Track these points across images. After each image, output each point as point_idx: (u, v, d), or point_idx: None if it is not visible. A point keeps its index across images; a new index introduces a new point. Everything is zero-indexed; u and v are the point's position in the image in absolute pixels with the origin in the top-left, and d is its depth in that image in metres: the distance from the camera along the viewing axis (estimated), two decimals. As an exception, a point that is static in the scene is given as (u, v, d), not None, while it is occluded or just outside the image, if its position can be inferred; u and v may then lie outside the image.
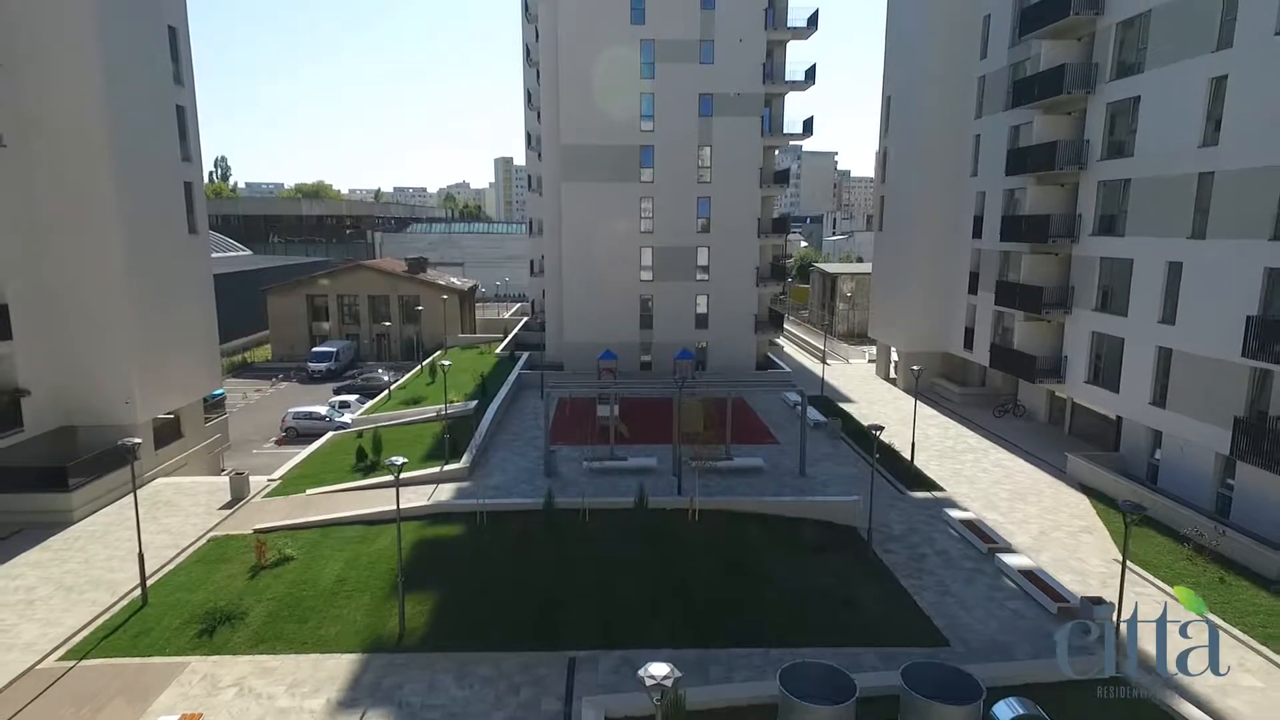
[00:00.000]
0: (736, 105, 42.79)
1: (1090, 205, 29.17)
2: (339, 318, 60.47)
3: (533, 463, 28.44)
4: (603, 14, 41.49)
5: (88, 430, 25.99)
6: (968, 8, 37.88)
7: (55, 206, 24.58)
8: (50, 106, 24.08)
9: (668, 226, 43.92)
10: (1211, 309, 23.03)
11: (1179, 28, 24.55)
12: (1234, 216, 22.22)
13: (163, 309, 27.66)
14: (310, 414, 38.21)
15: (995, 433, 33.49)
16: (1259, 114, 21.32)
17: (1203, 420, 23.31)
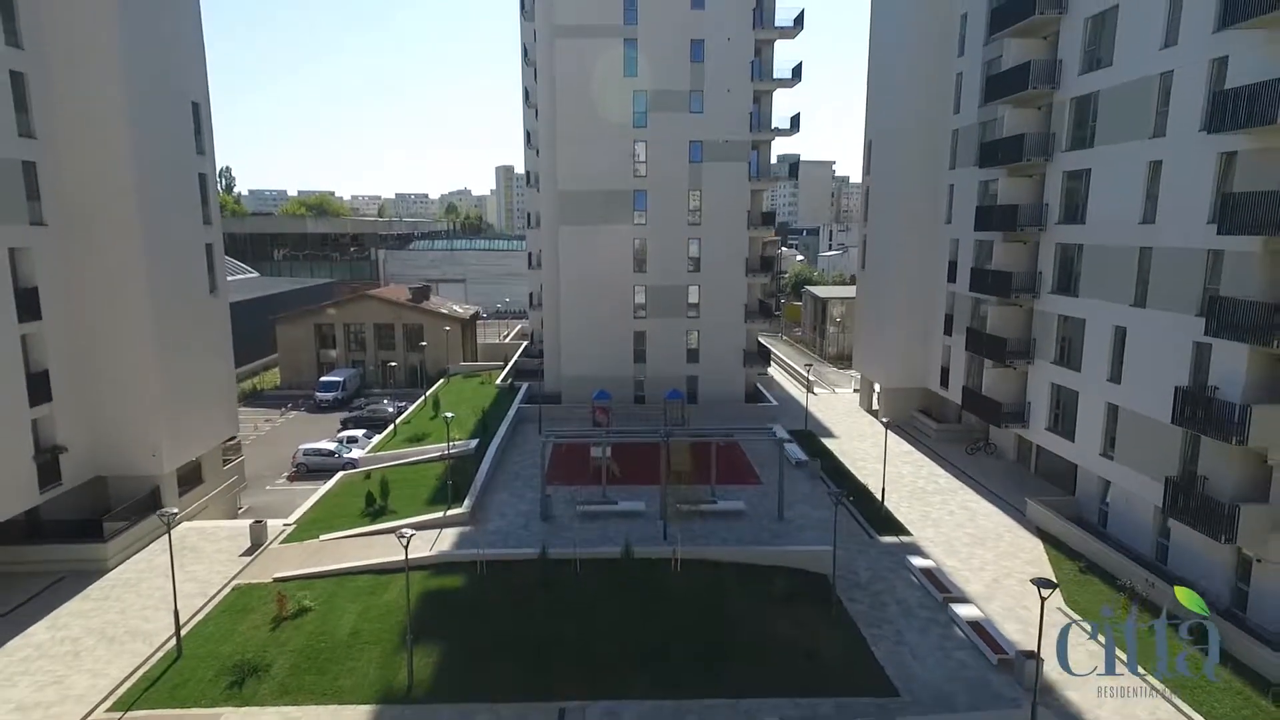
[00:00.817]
0: (725, 151, 44.98)
1: (1049, 264, 31.24)
2: (345, 345, 62.63)
3: (530, 505, 30.54)
4: (598, 66, 43.69)
5: (118, 480, 28.16)
6: (943, 63, 39.95)
7: (90, 278, 26.72)
8: (86, 187, 26.21)
9: (660, 266, 46.12)
10: (1150, 373, 25.07)
11: (1123, 111, 26.63)
12: (1168, 290, 24.28)
13: (186, 365, 29.80)
14: (320, 450, 40.32)
15: (966, 471, 35.54)
16: (1187, 200, 23.39)
17: (1143, 474, 25.35)
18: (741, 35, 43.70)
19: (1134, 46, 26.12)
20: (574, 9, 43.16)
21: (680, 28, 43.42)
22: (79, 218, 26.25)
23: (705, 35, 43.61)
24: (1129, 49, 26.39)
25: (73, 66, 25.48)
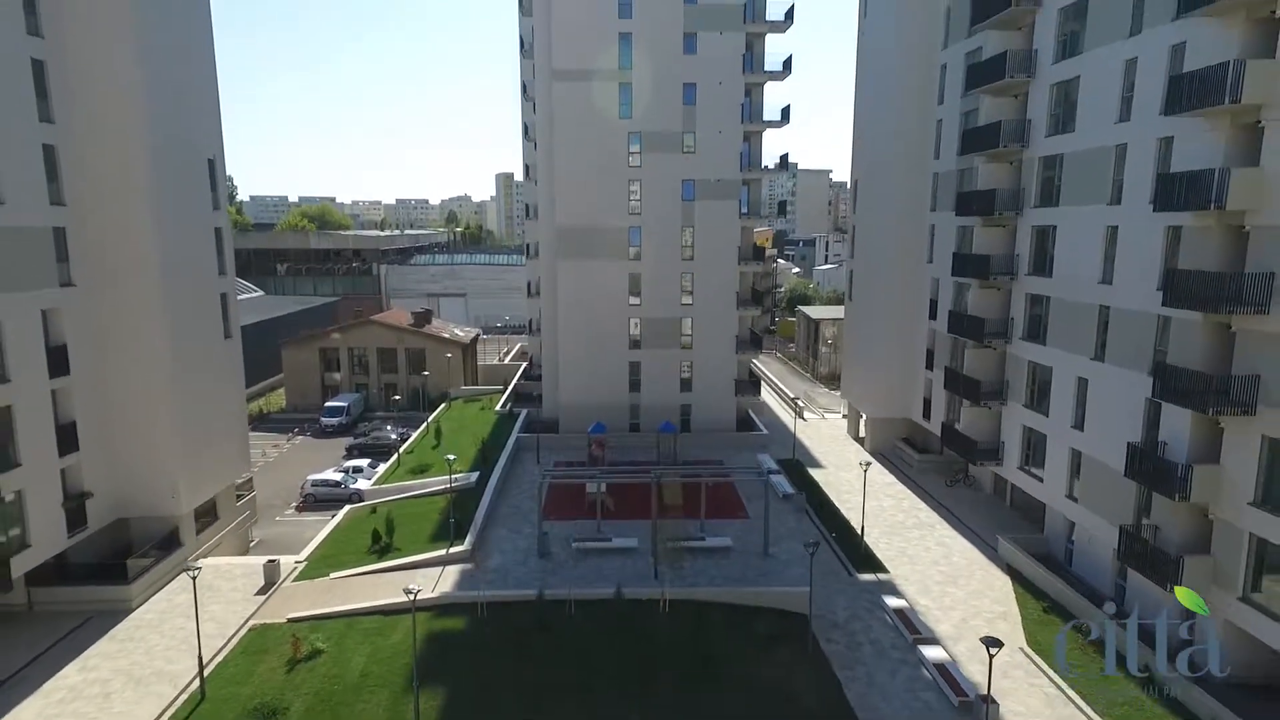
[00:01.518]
0: (716, 190, 46.70)
1: (1021, 312, 32.91)
2: (349, 369, 64.32)
3: (528, 541, 32.17)
4: (595, 109, 45.39)
5: (139, 521, 29.81)
6: (925, 109, 41.60)
7: (114, 332, 28.38)
8: (111, 247, 27.86)
9: (654, 299, 47.80)
10: (1109, 424, 26.74)
11: (1084, 175, 28.33)
12: (1124, 349, 25.96)
13: (202, 409, 31.46)
14: (327, 481, 41.96)
15: (944, 504, 37.19)
16: (1140, 267, 25.06)
17: (1102, 519, 27.00)
18: (732, 79, 45.43)
19: (1093, 116, 27.84)
20: (571, 54, 44.88)
21: (673, 72, 45.15)
22: (104, 277, 27.93)
23: (697, 79, 45.36)
24: (1089, 118, 28.12)
25: (100, 135, 27.17)
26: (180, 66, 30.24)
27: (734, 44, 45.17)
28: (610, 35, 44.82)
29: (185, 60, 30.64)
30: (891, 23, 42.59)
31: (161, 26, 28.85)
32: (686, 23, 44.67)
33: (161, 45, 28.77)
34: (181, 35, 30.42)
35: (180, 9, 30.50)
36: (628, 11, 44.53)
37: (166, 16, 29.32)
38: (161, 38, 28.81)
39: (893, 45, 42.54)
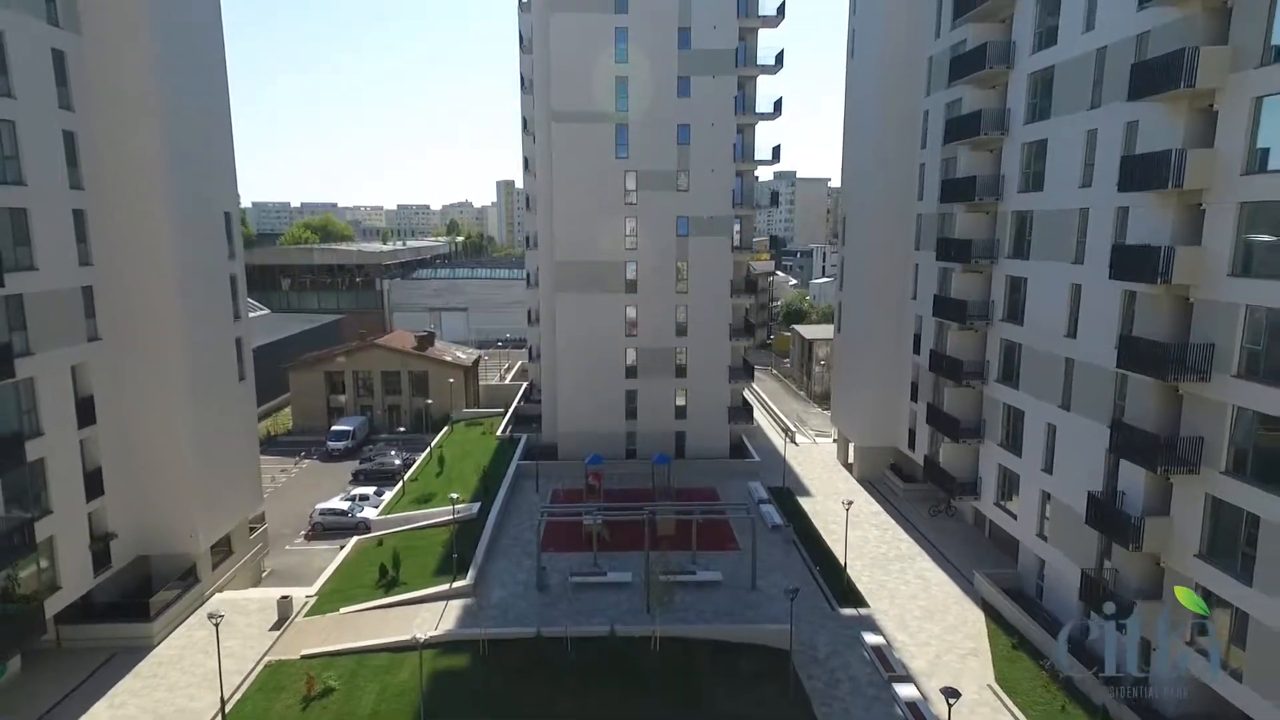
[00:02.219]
0: (710, 226, 48.36)
1: (996, 355, 34.56)
2: (354, 391, 66.06)
3: (528, 574, 33.80)
4: (592, 148, 47.04)
5: (159, 558, 31.49)
6: (909, 153, 43.29)
7: (138, 381, 30.07)
8: (136, 301, 29.58)
9: (650, 330, 49.44)
10: (1074, 470, 28.37)
11: (1052, 233, 29.98)
12: (1087, 400, 27.59)
13: (218, 450, 33.16)
14: (334, 511, 43.64)
15: (926, 535, 38.79)
16: (1100, 325, 26.69)
17: (1069, 559, 28.61)
18: (724, 121, 47.12)
19: (1059, 179, 29.51)
20: (570, 96, 46.59)
21: (668, 114, 46.81)
22: (129, 330, 29.64)
23: (691, 121, 47.02)
24: (1056, 180, 29.79)
25: (127, 200, 28.90)
26: (201, 133, 32.00)
27: (726, 87, 46.88)
28: (607, 79, 46.53)
29: (206, 126, 32.43)
30: (875, 67, 44.25)
31: (186, 98, 30.61)
32: (681, 67, 46.40)
33: (185, 115, 30.52)
34: (203, 104, 32.21)
35: (203, 81, 32.31)
36: (624, 56, 46.24)
37: (190, 89, 31.10)
38: (185, 109, 30.55)
39: (873, 92, 44.28)
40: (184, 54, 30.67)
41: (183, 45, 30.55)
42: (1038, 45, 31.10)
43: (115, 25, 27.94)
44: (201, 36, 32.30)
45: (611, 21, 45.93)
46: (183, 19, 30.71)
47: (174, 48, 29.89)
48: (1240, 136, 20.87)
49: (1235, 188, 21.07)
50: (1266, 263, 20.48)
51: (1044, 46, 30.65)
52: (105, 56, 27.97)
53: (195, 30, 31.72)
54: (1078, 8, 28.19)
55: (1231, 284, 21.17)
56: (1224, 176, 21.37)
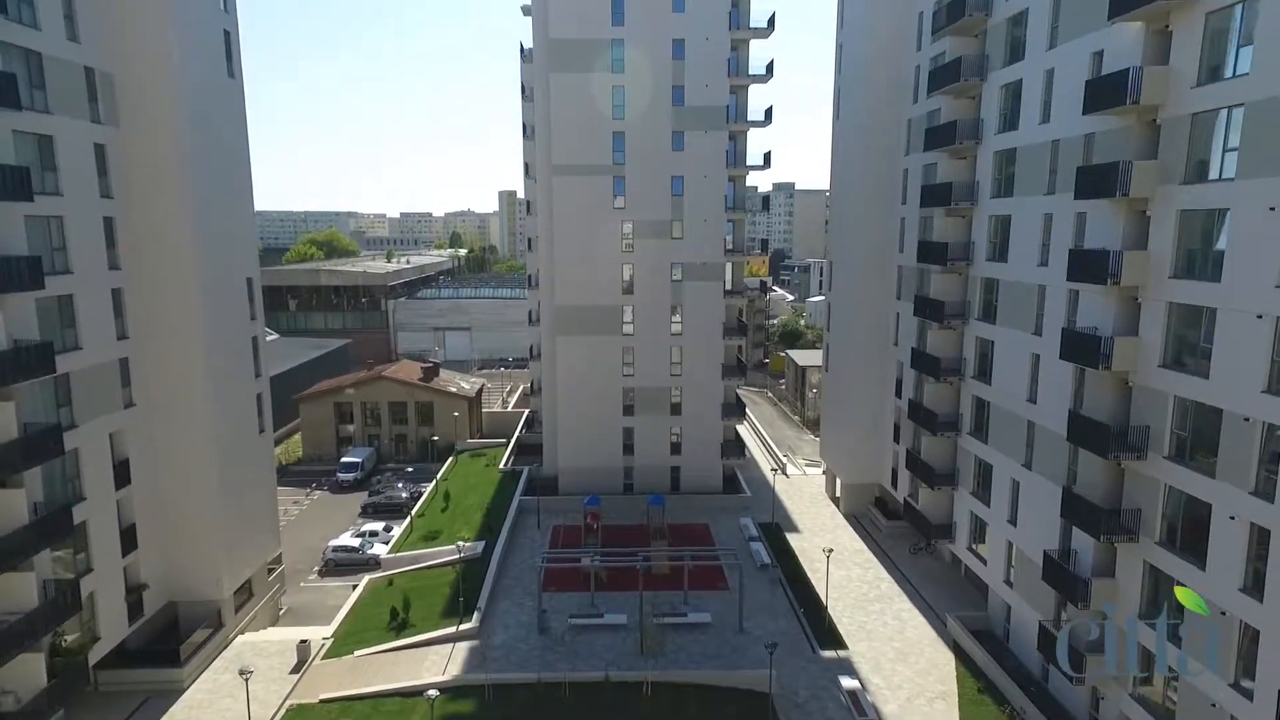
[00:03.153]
0: (702, 272, 50.71)
1: (968, 409, 36.84)
2: (362, 421, 68.50)
3: (530, 615, 36.06)
4: (591, 199, 49.44)
5: (186, 604, 33.84)
6: (889, 219, 45.65)
7: (167, 443, 32.46)
8: (167, 370, 31.99)
9: (646, 370, 51.76)
10: (1035, 525, 30.61)
11: (1015, 303, 32.25)
12: (1047, 461, 29.83)
13: (240, 500, 35.53)
14: (346, 548, 46.03)
15: (906, 575, 40.99)
16: (1057, 395, 28.95)
17: (1031, 608, 30.82)
18: (716, 173, 49.47)
19: (1021, 255, 31.81)
20: (570, 151, 48.96)
21: (663, 167, 49.18)
22: (160, 395, 32.04)
23: (684, 173, 49.40)
24: (1018, 254, 32.08)
25: (160, 277, 31.31)
26: (227, 207, 34.44)
27: (718, 141, 49.25)
28: (605, 134, 48.92)
29: (231, 200, 34.90)
30: (858, 128, 46.48)
31: (213, 178, 33.08)
32: (675, 123, 48.79)
33: (213, 194, 32.95)
34: (228, 181, 34.67)
35: (228, 160, 34.77)
36: (621, 113, 48.66)
37: (217, 170, 33.58)
38: (213, 188, 32.99)
39: (858, 150, 46.64)
40: (212, 139, 33.12)
41: (211, 131, 32.99)
42: (1003, 126, 33.46)
43: (150, 117, 30.39)
44: (228, 122, 34.80)
45: (609, 80, 48.38)
46: (211, 107, 33.16)
47: (203, 134, 32.33)
48: (1168, 242, 23.18)
49: (1165, 287, 23.38)
50: (1192, 359, 22.76)
51: (1008, 129, 33.01)
52: (141, 146, 30.42)
53: (222, 116, 34.19)
54: (1035, 100, 30.54)
55: (1163, 374, 23.46)
56: (1156, 276, 23.68)
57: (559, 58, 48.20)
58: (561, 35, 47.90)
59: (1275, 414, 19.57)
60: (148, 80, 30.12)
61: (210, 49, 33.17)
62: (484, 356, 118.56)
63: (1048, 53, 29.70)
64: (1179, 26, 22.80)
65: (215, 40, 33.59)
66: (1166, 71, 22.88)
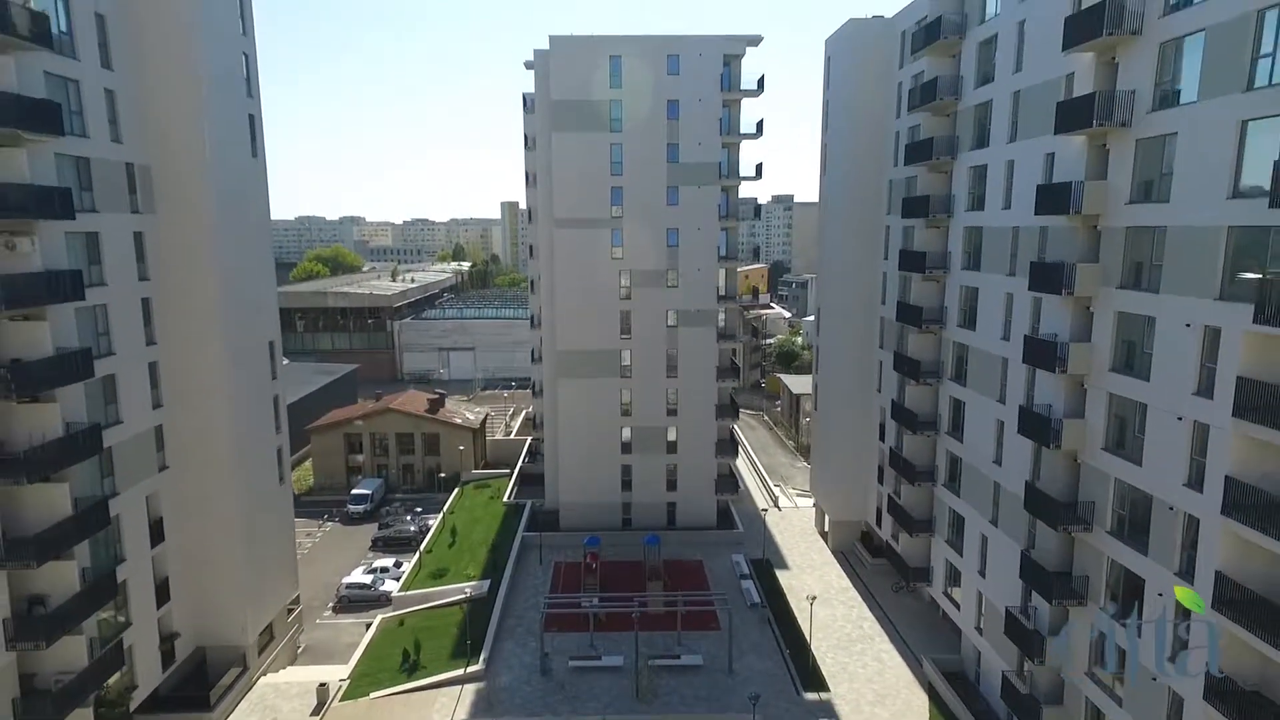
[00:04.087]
0: (696, 318, 53.29)
1: (943, 462, 39.27)
2: (371, 452, 71.06)
3: (533, 656, 38.56)
4: (591, 250, 52.03)
5: (214, 649, 36.36)
6: (871, 274, 48.12)
7: (197, 501, 34.96)
8: (197, 436, 34.45)
9: (643, 411, 54.30)
10: (1001, 580, 33.01)
11: (982, 371, 34.72)
12: (1009, 521, 32.26)
13: (263, 548, 38.03)
14: (359, 585, 48.55)
15: (888, 614, 43.37)
16: (1019, 462, 31.37)
17: (998, 657, 33.22)
18: (709, 225, 52.07)
19: (987, 327, 34.27)
20: (571, 204, 51.59)
21: (659, 219, 51.81)
22: (191, 456, 34.56)
23: (679, 225, 52.00)
24: (985, 325, 34.53)
25: (191, 345, 33.85)
26: (252, 279, 37.04)
27: (710, 195, 51.86)
28: (604, 188, 51.55)
29: (255, 272, 37.52)
30: (843, 188, 49.05)
31: (240, 255, 35.60)
32: (670, 178, 51.41)
33: (239, 269, 35.51)
34: (254, 255, 37.29)
35: (253, 234, 37.32)
36: (619, 170, 51.29)
37: (244, 247, 36.08)
38: (239, 264, 35.55)
39: (842, 210, 49.26)
40: (239, 216, 35.65)
41: (238, 209, 35.53)
42: (971, 204, 35.94)
43: (184, 202, 32.92)
44: (253, 198, 37.40)
45: (608, 140, 51.02)
46: (238, 186, 35.67)
47: (231, 213, 34.85)
48: (1108, 338, 25.64)
49: (1106, 378, 25.83)
50: (1129, 446, 25.19)
51: (976, 207, 35.49)
52: (175, 230, 32.97)
53: (248, 194, 36.76)
54: (999, 187, 33.01)
55: (1106, 457, 25.92)
56: (1098, 367, 26.13)
57: (560, 118, 50.83)
58: (563, 97, 50.54)
59: (1194, 506, 22.01)
60: (182, 169, 32.73)
61: (238, 134, 35.78)
62: (487, 376, 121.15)
63: (1009, 145, 32.23)
64: (1114, 145, 25.31)
65: (242, 125, 36.19)
66: (1105, 186, 25.39)
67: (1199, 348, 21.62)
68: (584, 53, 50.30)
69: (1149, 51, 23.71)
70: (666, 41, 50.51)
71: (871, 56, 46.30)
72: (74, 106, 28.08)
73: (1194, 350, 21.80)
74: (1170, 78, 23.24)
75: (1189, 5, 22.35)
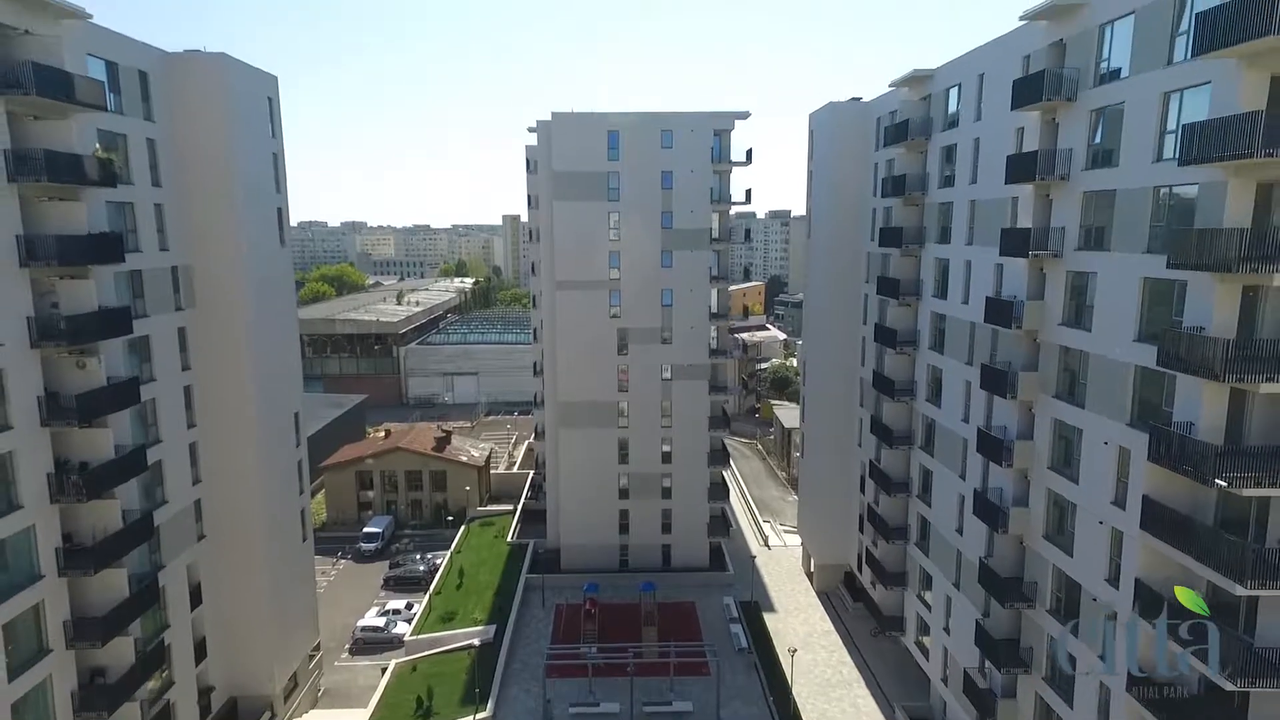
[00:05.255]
0: (689, 372, 56.63)
1: (915, 523, 42.55)
2: (381, 488, 74.47)
3: (536, 701, 41.86)
4: (590, 309, 55.39)
5: (244, 699, 39.67)
6: (851, 331, 51.48)
7: (230, 566, 38.29)
8: (231, 509, 37.84)
9: (639, 458, 57.62)
10: (963, 639, 36.26)
11: (945, 444, 38.02)
12: (969, 588, 35.53)
13: (288, 604, 41.40)
14: (373, 628, 51.89)
15: (866, 658, 46.64)
16: (976, 535, 34.66)
17: (960, 709, 36.47)
18: (700, 286, 55.44)
19: (949, 406, 37.56)
20: (571, 267, 54.96)
21: (653, 281, 55.16)
22: (226, 528, 37.93)
23: (673, 286, 55.37)
24: (948, 404, 37.85)
25: (226, 426, 37.23)
26: (280, 358, 40.50)
27: (702, 259, 55.22)
28: (603, 253, 54.95)
29: (283, 352, 40.98)
30: (825, 254, 52.43)
31: (270, 337, 39.07)
32: (664, 243, 54.79)
33: (269, 351, 38.95)
34: (281, 335, 40.72)
35: (282, 318, 40.80)
36: (616, 235, 54.72)
37: (274, 329, 39.57)
38: (269, 347, 39.00)
39: (824, 282, 52.65)
40: (269, 301, 39.08)
41: (268, 296, 38.95)
42: (937, 291, 39.25)
43: (221, 296, 36.35)
44: (280, 282, 40.90)
45: (606, 208, 54.43)
46: (268, 274, 39.10)
47: (262, 300, 38.27)
48: (1046, 440, 28.96)
49: (1044, 475, 29.13)
50: (1062, 536, 28.49)
51: (938, 295, 38.81)
52: (213, 321, 36.37)
53: (276, 280, 40.21)
54: (959, 284, 36.32)
55: (1045, 543, 29.21)
56: (1039, 464, 29.44)
57: (562, 188, 54.26)
58: (564, 168, 53.97)
59: (1113, 600, 25.28)
60: (220, 266, 36.13)
61: (268, 229, 39.22)
62: (490, 399, 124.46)
63: (967, 246, 35.60)
64: (1050, 271, 28.67)
65: (272, 220, 39.63)
66: (1042, 306, 28.74)
67: (1115, 464, 24.94)
68: (584, 128, 53.71)
69: (1074, 198, 27.07)
70: (661, 118, 53.96)
71: (851, 135, 49.70)
72: (129, 225, 31.56)
73: (1111, 465, 25.12)
74: (1092, 219, 26.58)
75: (1109, 165, 25.73)
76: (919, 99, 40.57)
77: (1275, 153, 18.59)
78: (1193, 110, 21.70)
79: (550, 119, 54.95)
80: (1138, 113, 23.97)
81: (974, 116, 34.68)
